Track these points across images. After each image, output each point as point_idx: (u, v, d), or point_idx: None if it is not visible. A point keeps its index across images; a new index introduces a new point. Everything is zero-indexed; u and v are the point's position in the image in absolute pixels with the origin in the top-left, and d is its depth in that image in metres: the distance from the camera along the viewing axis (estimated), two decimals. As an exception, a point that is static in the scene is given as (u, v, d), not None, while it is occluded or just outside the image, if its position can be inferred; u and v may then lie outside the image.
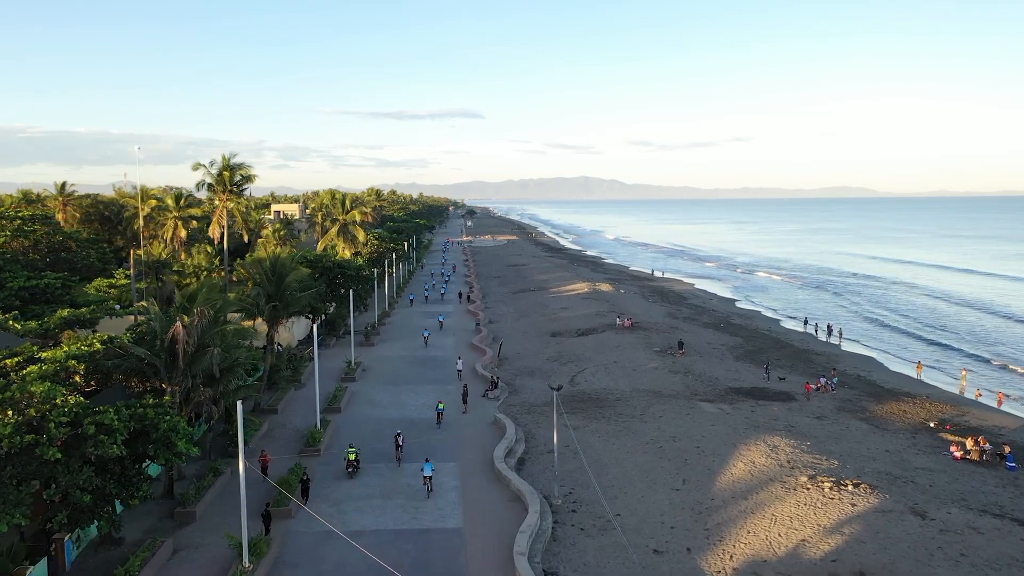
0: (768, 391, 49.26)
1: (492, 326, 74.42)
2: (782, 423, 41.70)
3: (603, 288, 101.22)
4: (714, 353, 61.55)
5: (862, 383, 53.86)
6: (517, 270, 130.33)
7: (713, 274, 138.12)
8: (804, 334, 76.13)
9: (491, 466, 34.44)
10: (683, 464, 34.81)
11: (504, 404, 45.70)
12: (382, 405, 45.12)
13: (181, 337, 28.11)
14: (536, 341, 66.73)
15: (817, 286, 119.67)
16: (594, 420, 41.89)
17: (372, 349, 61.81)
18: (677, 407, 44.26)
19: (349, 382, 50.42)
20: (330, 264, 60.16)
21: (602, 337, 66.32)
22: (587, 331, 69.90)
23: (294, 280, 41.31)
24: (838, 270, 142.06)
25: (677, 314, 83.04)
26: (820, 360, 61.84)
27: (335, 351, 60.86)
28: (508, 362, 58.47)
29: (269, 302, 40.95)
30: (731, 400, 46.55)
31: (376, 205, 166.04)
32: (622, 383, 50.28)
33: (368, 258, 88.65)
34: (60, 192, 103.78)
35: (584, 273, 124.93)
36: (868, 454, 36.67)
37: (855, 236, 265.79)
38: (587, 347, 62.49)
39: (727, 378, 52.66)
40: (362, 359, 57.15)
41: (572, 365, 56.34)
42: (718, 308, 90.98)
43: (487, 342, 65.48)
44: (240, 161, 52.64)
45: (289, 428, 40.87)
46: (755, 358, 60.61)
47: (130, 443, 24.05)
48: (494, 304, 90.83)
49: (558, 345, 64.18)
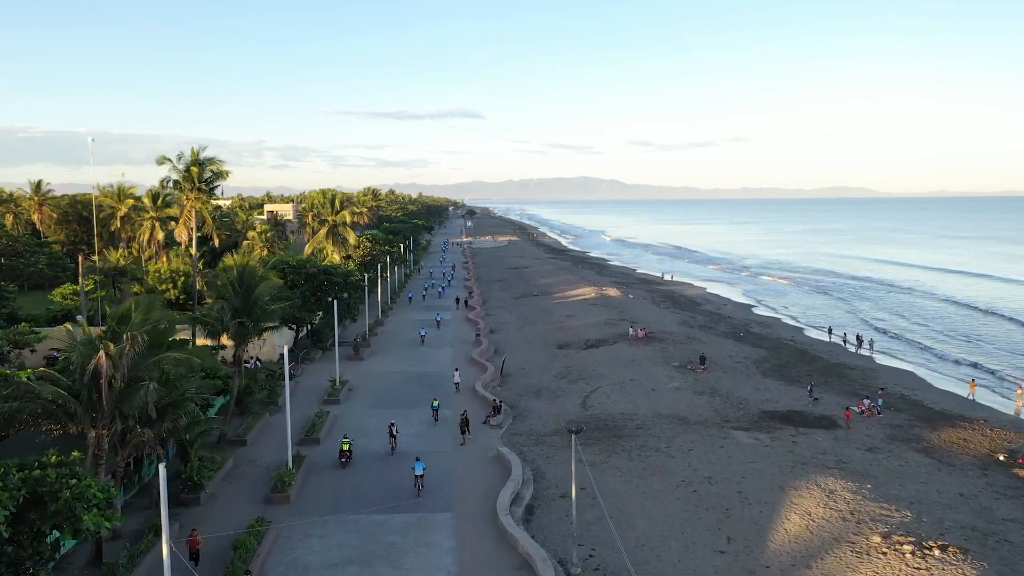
0: (807, 415, 43.46)
1: (493, 336, 68.58)
2: (831, 457, 35.92)
3: (611, 293, 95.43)
4: (738, 368, 55.76)
5: (908, 404, 48.01)
6: (519, 273, 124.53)
7: (723, 277, 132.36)
8: (831, 344, 70.27)
9: (494, 518, 28.63)
10: (724, 516, 29.00)
11: (508, 433, 39.87)
12: (368, 433, 39.27)
13: (105, 370, 22.33)
14: (541, 353, 60.91)
15: (832, 290, 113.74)
16: (613, 454, 36.08)
17: (361, 365, 55.96)
18: (707, 437, 38.45)
19: (333, 404, 44.59)
20: (314, 270, 54.39)
21: (614, 350, 60.50)
22: (597, 342, 64.08)
23: (265, 291, 35.50)
24: (851, 273, 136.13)
25: (692, 322, 77.26)
26: (855, 376, 56.02)
27: (320, 366, 55.07)
28: (511, 379, 52.65)
29: (235, 317, 35.17)
30: (767, 427, 40.76)
31: (372, 205, 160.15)
32: (642, 406, 44.46)
33: (360, 261, 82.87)
34: (35, 192, 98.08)
35: (589, 276, 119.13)
36: (942, 500, 30.87)
37: (861, 237, 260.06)
38: (598, 361, 56.67)
39: (757, 399, 46.87)
40: (349, 376, 51.37)
41: (583, 383, 50.52)
42: (734, 315, 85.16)
43: (488, 355, 59.67)
44: (211, 155, 46.95)
45: (259, 464, 35.04)
46: (784, 374, 54.85)
47: (22, 516, 18.30)
48: (495, 310, 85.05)
49: (566, 359, 58.36)
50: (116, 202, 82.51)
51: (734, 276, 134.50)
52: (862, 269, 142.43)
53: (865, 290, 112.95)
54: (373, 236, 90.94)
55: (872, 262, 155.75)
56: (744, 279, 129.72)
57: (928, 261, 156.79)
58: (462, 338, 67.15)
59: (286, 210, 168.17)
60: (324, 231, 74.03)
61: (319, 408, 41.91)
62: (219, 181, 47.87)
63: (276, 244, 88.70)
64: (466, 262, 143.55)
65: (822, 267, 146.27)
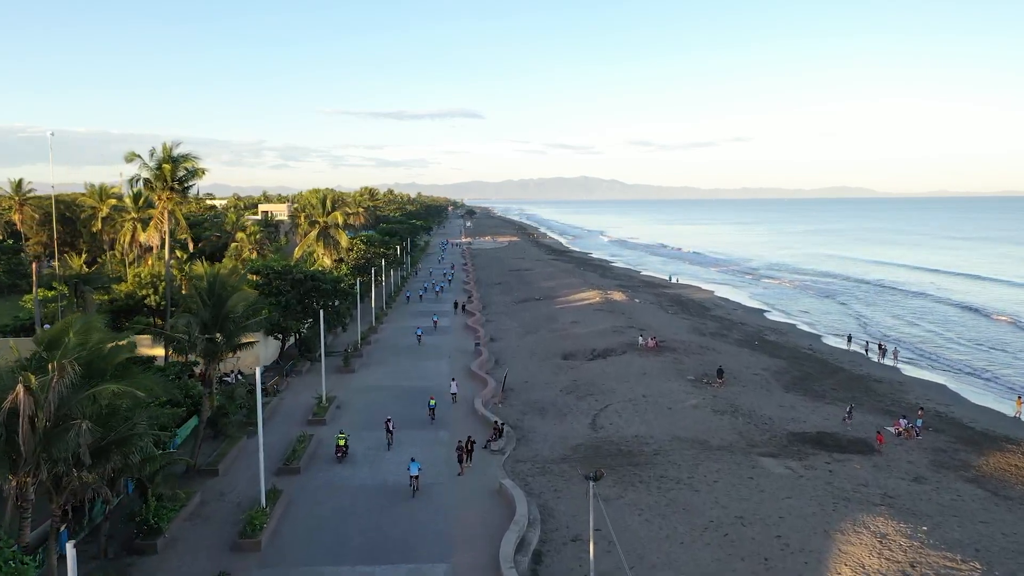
0: (839, 438, 39.47)
1: (494, 345, 64.55)
2: (875, 491, 31.93)
3: (616, 297, 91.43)
4: (758, 382, 51.77)
5: (946, 423, 44.01)
6: (520, 276, 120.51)
7: (730, 280, 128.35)
8: (852, 353, 66.25)
9: (497, 569, 24.64)
10: (764, 568, 25.02)
11: (511, 460, 35.84)
12: (355, 462, 35.23)
13: (24, 408, 18.34)
14: (545, 365, 56.89)
15: (842, 294, 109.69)
16: (629, 486, 32.07)
17: (351, 378, 51.89)
18: (733, 466, 34.45)
19: (317, 426, 40.55)
20: (300, 276, 50.38)
21: (623, 361, 56.49)
22: (605, 352, 60.07)
23: (239, 303, 31.46)
24: (860, 276, 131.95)
25: (703, 329, 73.28)
26: (883, 390, 52.04)
27: (308, 380, 51.01)
28: (514, 394, 48.60)
29: (204, 333, 31.15)
30: (798, 453, 36.76)
31: (369, 205, 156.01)
32: (657, 427, 40.44)
33: (354, 265, 78.84)
34: (16, 191, 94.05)
35: (593, 279, 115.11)
36: (1011, 545, 26.89)
37: (865, 238, 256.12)
38: (607, 374, 52.65)
39: (783, 418, 42.87)
40: (338, 392, 47.34)
41: (592, 400, 46.49)
42: (747, 321, 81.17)
43: (488, 367, 55.65)
44: (186, 151, 42.82)
45: (229, 499, 31.02)
46: (808, 388, 50.89)
47: None
48: (495, 316, 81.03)
49: (572, 371, 54.33)
50: (97, 202, 78.46)
51: (741, 279, 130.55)
52: (871, 272, 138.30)
53: (877, 294, 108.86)
54: (368, 238, 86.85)
55: (880, 265, 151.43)
56: (751, 282, 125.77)
57: (936, 263, 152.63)
58: (460, 347, 63.11)
59: (281, 210, 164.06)
60: (314, 233, 69.90)
61: (302, 431, 37.84)
62: (194, 180, 43.76)
63: (266, 246, 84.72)
64: (465, 264, 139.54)
65: (830, 269, 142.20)
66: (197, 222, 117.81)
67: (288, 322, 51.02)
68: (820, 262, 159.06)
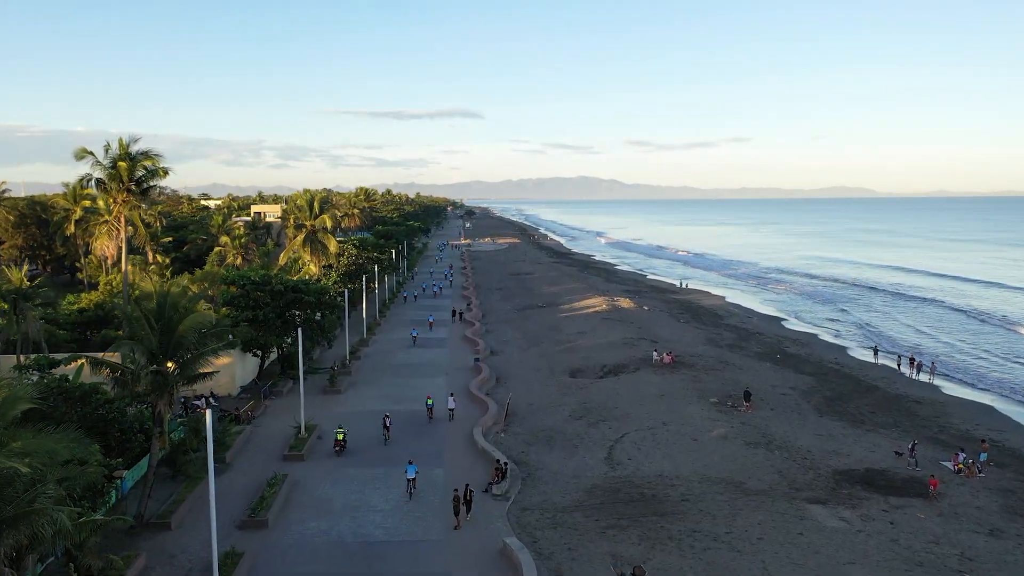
0: (891, 476, 34.45)
1: (495, 360, 59.42)
2: (949, 550, 26.92)
3: (623, 304, 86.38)
4: (787, 404, 46.76)
5: (1006, 455, 38.94)
6: (521, 280, 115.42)
7: (740, 284, 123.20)
8: (881, 368, 61.14)
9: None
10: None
11: (516, 507, 30.76)
12: (334, 512, 30.11)
13: None
14: (551, 384, 51.79)
15: (858, 300, 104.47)
16: (657, 544, 27.02)
17: (337, 400, 46.75)
18: (778, 516, 29.41)
19: (294, 462, 35.43)
20: (281, 287, 45.29)
21: (637, 379, 51.45)
22: (616, 369, 55.05)
23: (192, 329, 26.37)
24: (876, 281, 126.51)
25: (719, 339, 68.24)
26: (925, 412, 47.00)
27: (289, 402, 45.80)
28: (517, 419, 43.50)
29: (152, 363, 26.07)
30: (849, 497, 31.72)
31: (365, 206, 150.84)
32: (683, 464, 35.37)
33: (344, 271, 73.74)
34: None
35: (598, 284, 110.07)
36: None
37: (874, 240, 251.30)
38: (620, 395, 47.57)
39: (823, 450, 37.82)
40: (321, 418, 42.21)
41: (605, 427, 41.41)
42: (764, 330, 76.09)
43: (489, 386, 50.55)
44: (146, 148, 37.66)
45: (180, 563, 25.92)
46: (842, 410, 45.90)
47: None
48: (496, 325, 75.91)
49: (581, 391, 49.22)
50: (71, 203, 73.33)
51: (752, 283, 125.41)
52: (884, 277, 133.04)
53: (893, 301, 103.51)
54: (360, 242, 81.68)
55: (893, 270, 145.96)
56: (762, 287, 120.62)
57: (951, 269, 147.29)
58: (458, 362, 57.98)
59: (274, 211, 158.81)
60: (301, 238, 64.68)
61: (275, 472, 32.66)
62: (155, 180, 38.65)
63: (252, 251, 79.61)
64: (464, 267, 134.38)
65: (843, 274, 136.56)
66: (182, 224, 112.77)
67: (268, 337, 45.91)
68: (832, 267, 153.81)
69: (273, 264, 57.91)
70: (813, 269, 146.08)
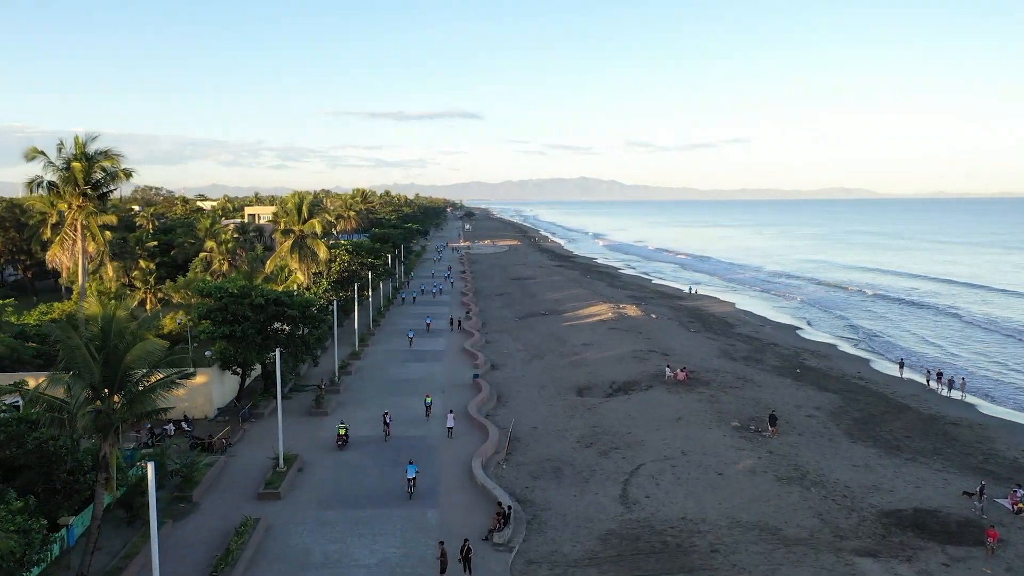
0: (943, 517, 30.50)
1: (496, 375, 55.45)
2: (1029, 618, 22.92)
3: (629, 312, 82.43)
4: (814, 427, 42.81)
5: (1064, 489, 34.95)
6: (523, 285, 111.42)
7: (749, 289, 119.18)
8: (908, 383, 57.19)
9: None
10: None
11: (520, 559, 26.77)
12: (311, 567, 26.08)
13: None
14: (557, 403, 47.78)
15: (869, 306, 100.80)
16: (687, 611, 23.02)
17: (323, 424, 42.71)
18: (823, 572, 25.43)
19: (269, 502, 31.40)
20: (261, 300, 41.31)
21: (650, 398, 47.47)
22: (626, 386, 51.10)
23: (140, 357, 22.40)
24: (889, 287, 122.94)
25: (732, 352, 64.29)
26: (965, 436, 42.99)
27: (269, 425, 41.76)
28: (521, 446, 39.54)
29: (94, 399, 22.10)
30: (901, 546, 27.76)
31: (361, 208, 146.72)
32: (709, 503, 31.38)
33: (337, 278, 69.73)
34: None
35: (601, 289, 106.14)
36: None
37: (880, 244, 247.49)
38: (633, 418, 43.59)
39: (862, 485, 33.84)
40: (303, 446, 38.27)
41: (618, 456, 37.43)
42: (779, 341, 72.13)
43: (489, 407, 46.56)
44: (105, 148, 33.62)
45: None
46: (875, 434, 41.98)
47: None
48: (496, 335, 71.92)
49: (589, 413, 45.20)
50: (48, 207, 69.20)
51: (759, 288, 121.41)
52: (897, 283, 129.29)
53: (908, 309, 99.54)
54: (354, 246, 77.59)
55: (907, 277, 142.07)
56: (772, 292, 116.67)
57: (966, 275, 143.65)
58: (457, 377, 54.00)
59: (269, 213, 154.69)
60: (288, 244, 60.58)
61: (245, 517, 28.51)
62: (116, 184, 34.68)
63: (240, 257, 75.62)
64: (463, 272, 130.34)
65: (852, 279, 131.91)
66: (170, 227, 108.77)
67: (247, 354, 41.93)
68: (839, 271, 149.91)
69: (259, 272, 53.93)
70: (820, 273, 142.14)
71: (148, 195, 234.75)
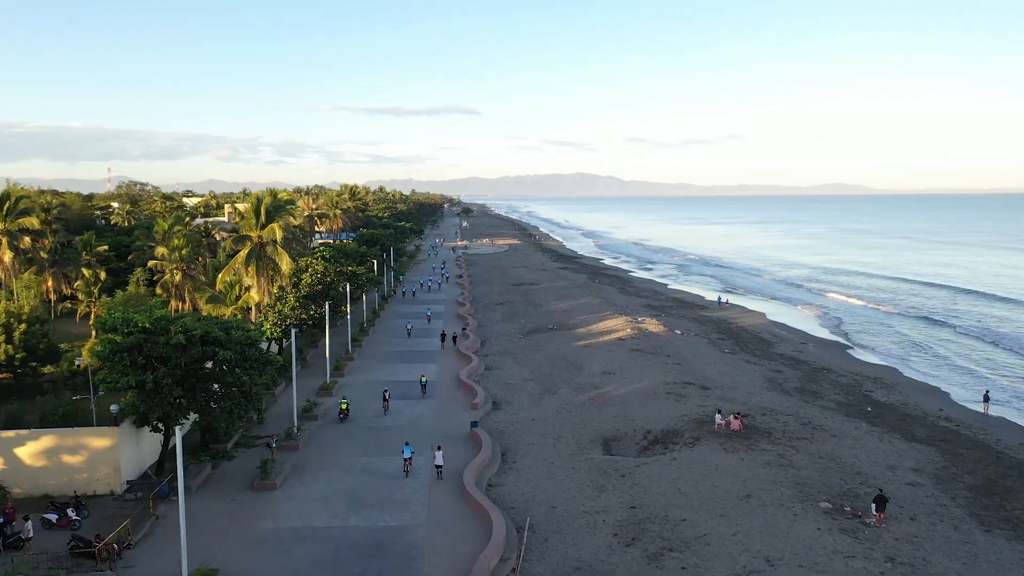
0: None
1: (499, 418, 44.38)
2: None
3: (650, 328, 71.60)
4: (927, 505, 31.99)
5: None
6: (525, 292, 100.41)
7: (776, 295, 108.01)
8: (1006, 424, 46.48)
9: None
10: None
11: None
12: None
13: None
14: (579, 465, 36.68)
15: (910, 314, 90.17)
16: None
17: (269, 505, 31.58)
18: None
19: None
20: (181, 339, 30.29)
21: (700, 458, 36.53)
22: (665, 437, 40.26)
23: None
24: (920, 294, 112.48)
25: (781, 381, 53.57)
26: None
27: (197, 506, 30.78)
28: (537, 540, 28.57)
29: None
30: None
31: (349, 206, 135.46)
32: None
33: (308, 292, 58.65)
34: None
35: (613, 297, 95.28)
36: None
37: (895, 242, 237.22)
38: (682, 491, 32.67)
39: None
40: (234, 547, 27.29)
41: (674, 564, 26.47)
42: (830, 363, 61.31)
43: (491, 472, 35.53)
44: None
45: None
46: (1009, 516, 31.24)
47: None
48: (498, 358, 60.94)
49: (624, 483, 34.17)
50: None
51: (785, 294, 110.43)
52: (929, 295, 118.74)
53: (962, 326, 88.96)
54: (331, 254, 66.43)
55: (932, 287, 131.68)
56: (799, 298, 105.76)
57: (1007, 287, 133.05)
58: (450, 424, 42.83)
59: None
60: (243, 254, 49.06)
61: None
62: None
63: (196, 266, 64.52)
64: (460, 276, 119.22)
65: (880, 285, 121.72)
66: (128, 229, 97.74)
67: (164, 410, 30.98)
68: (863, 275, 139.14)
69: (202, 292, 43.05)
70: (847, 277, 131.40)
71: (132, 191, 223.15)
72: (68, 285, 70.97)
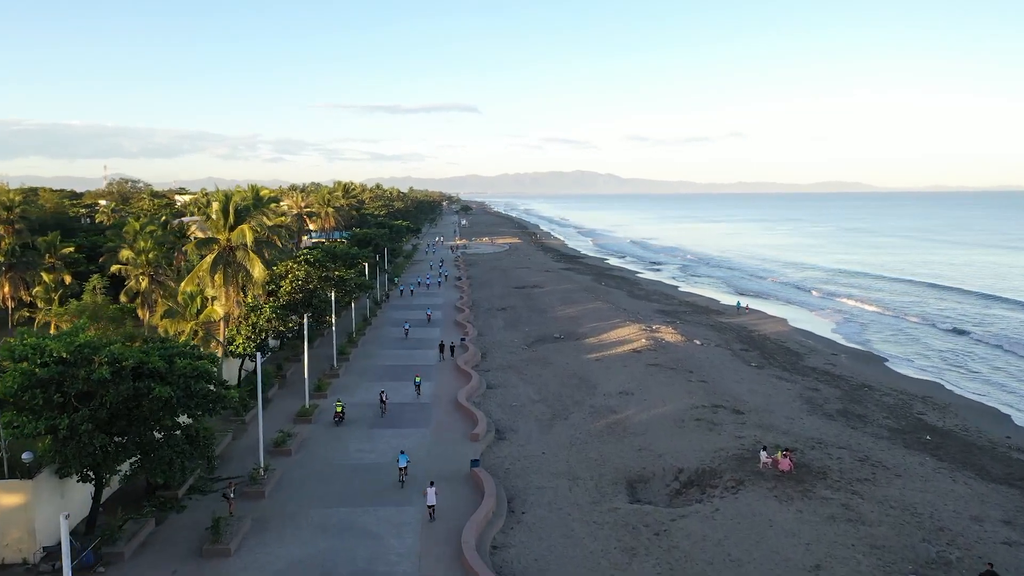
0: None
1: (503, 450, 38.08)
2: None
3: (667, 337, 65.44)
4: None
5: None
6: (528, 296, 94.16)
7: (792, 299, 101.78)
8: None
9: None
10: None
11: None
12: None
13: None
14: (603, 519, 30.34)
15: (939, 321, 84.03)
16: None
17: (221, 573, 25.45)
18: None
19: None
20: (104, 373, 24.01)
21: (748, 510, 30.29)
22: (700, 479, 34.03)
23: None
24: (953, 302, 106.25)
25: (820, 401, 47.44)
26: None
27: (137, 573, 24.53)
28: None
29: None
30: None
31: (342, 204, 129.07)
32: None
33: (287, 302, 52.35)
34: None
35: (623, 301, 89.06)
36: None
37: (907, 241, 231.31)
38: (732, 557, 26.46)
39: None
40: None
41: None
42: (869, 379, 55.09)
43: (496, 528, 29.28)
44: None
45: None
46: None
47: None
48: (501, 374, 54.69)
49: (657, 544, 27.90)
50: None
51: (800, 298, 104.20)
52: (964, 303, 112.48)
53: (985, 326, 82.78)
54: (316, 257, 60.07)
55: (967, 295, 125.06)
56: (816, 303, 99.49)
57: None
58: (446, 460, 36.47)
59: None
60: (208, 261, 42.52)
61: None
62: None
63: (168, 270, 58.23)
64: (459, 279, 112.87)
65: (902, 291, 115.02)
66: (100, 229, 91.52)
67: (88, 460, 24.74)
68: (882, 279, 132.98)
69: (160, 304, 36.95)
70: (860, 279, 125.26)
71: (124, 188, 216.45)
72: (27, 291, 64.79)
